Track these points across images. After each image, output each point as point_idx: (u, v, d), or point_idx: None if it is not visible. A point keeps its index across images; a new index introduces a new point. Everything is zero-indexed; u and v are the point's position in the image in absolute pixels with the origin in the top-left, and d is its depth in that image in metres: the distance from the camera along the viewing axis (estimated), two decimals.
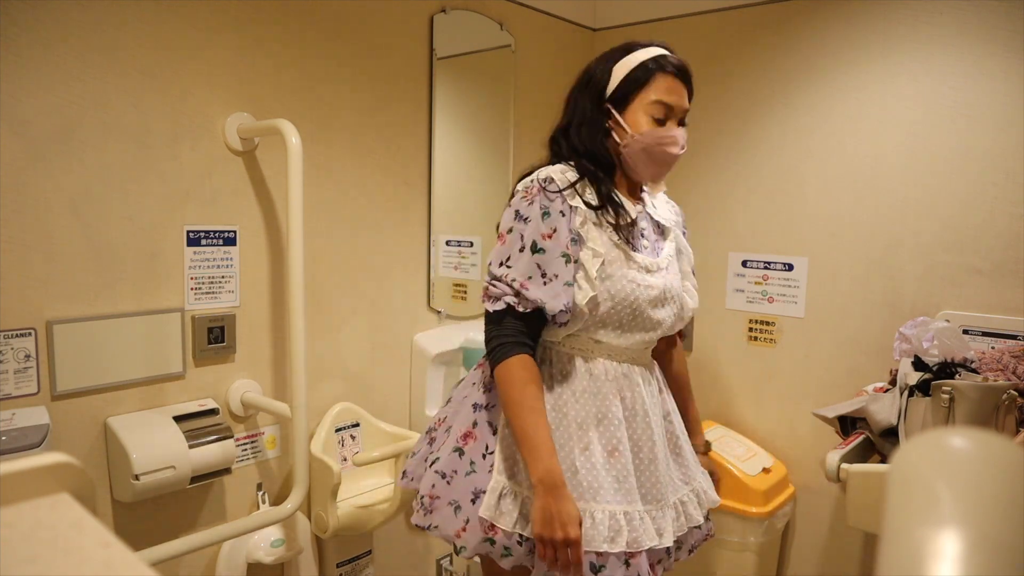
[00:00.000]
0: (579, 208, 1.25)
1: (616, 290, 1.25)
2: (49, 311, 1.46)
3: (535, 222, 1.23)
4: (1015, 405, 1.55)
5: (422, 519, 1.35)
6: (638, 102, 1.28)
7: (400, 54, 2.06)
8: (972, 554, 0.31)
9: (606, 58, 1.32)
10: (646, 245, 1.34)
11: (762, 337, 2.39)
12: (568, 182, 1.27)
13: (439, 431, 1.42)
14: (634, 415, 1.31)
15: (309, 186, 1.79)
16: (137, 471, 1.47)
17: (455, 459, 1.32)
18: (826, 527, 2.33)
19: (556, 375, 1.30)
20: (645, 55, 1.29)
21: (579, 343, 1.30)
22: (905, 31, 2.05)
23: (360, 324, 2.04)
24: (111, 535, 0.36)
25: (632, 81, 1.28)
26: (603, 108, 1.30)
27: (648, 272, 1.30)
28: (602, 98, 1.30)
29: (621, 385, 1.30)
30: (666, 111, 1.28)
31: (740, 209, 2.41)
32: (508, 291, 1.22)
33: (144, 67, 1.55)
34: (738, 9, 2.36)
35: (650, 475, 1.30)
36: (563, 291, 1.21)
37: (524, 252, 1.22)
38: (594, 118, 1.31)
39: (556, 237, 1.22)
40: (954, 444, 0.37)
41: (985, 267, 1.96)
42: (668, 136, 1.28)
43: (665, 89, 1.27)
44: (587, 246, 1.25)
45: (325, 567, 1.96)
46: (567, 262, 1.22)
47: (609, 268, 1.25)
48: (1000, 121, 1.92)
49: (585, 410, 1.27)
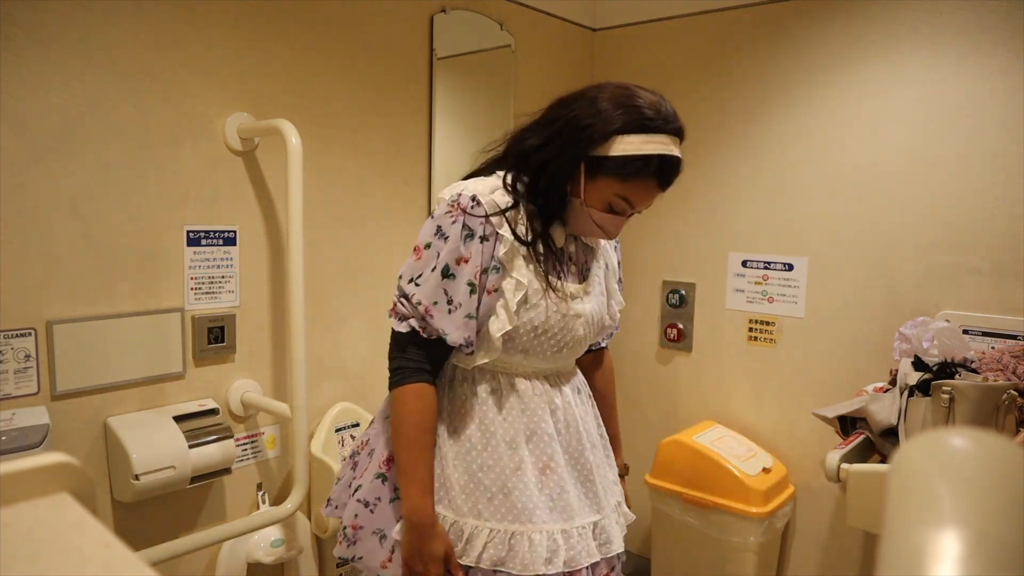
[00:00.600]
0: (505, 238, 1.17)
1: (540, 321, 1.20)
2: (49, 311, 1.46)
3: (453, 242, 1.15)
4: (1015, 405, 1.55)
5: (345, 551, 1.29)
6: (608, 183, 1.16)
7: (400, 54, 2.06)
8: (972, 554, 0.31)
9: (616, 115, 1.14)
10: (573, 269, 1.28)
11: (762, 337, 2.39)
12: (497, 207, 1.17)
13: (362, 455, 1.35)
14: (567, 426, 1.27)
15: (309, 186, 1.79)
16: (137, 471, 1.47)
17: (378, 486, 1.26)
18: (826, 527, 2.33)
19: (479, 392, 1.24)
20: (649, 146, 1.13)
21: (500, 362, 1.25)
22: (905, 31, 2.05)
23: (360, 324, 2.04)
24: (111, 535, 0.36)
25: (620, 164, 1.14)
26: (579, 158, 1.16)
27: (573, 299, 1.25)
28: (586, 151, 1.15)
29: (551, 397, 1.26)
30: (626, 208, 1.19)
31: (740, 209, 2.41)
32: (414, 314, 1.17)
33: (144, 67, 1.55)
34: (738, 9, 2.36)
35: (590, 485, 1.28)
36: (464, 324, 1.16)
37: (435, 273, 1.15)
38: (568, 165, 1.17)
39: (470, 263, 1.15)
40: (954, 444, 0.37)
41: (985, 267, 1.96)
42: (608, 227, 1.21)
43: (640, 193, 1.18)
44: (511, 275, 1.18)
45: (325, 567, 1.96)
46: (471, 292, 1.15)
47: (534, 298, 1.19)
48: (1000, 121, 1.92)
49: (514, 428, 1.22)
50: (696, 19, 2.46)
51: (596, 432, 1.37)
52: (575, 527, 1.22)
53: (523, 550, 1.18)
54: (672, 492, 2.27)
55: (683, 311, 2.56)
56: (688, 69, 2.49)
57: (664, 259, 2.58)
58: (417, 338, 1.18)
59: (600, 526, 1.27)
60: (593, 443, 1.33)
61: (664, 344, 2.62)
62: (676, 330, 2.57)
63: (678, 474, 2.27)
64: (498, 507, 1.20)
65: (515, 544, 1.18)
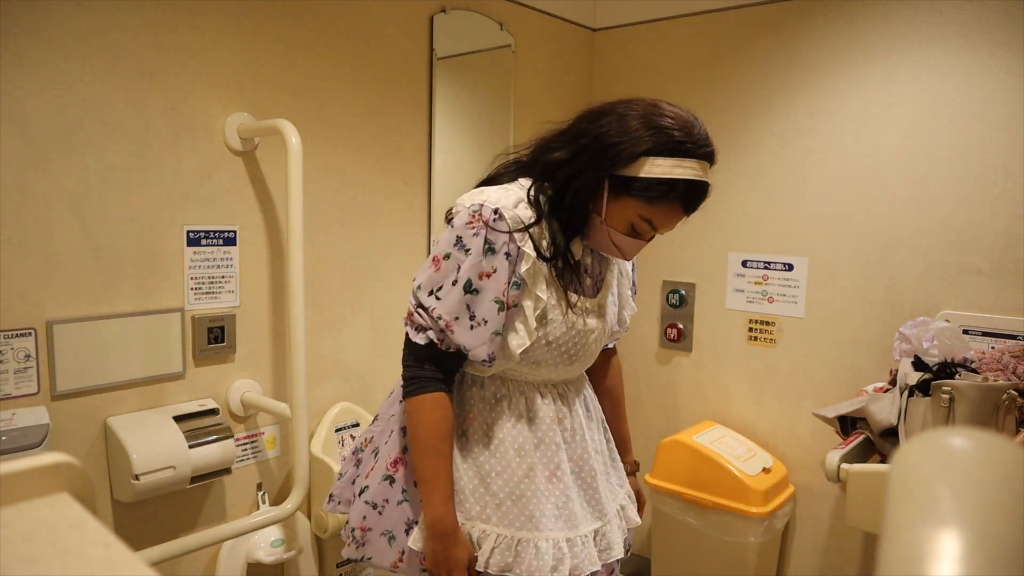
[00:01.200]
0: (528, 255, 1.13)
1: (555, 336, 1.20)
2: (49, 311, 1.46)
3: (475, 256, 1.11)
4: (1015, 405, 1.55)
5: (354, 552, 1.29)
6: (632, 204, 1.12)
7: (400, 54, 2.06)
8: (972, 554, 0.31)
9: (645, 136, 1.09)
10: (588, 282, 1.27)
11: (762, 337, 2.39)
12: (521, 223, 1.13)
13: (366, 452, 1.35)
14: (573, 435, 1.28)
15: (309, 186, 1.79)
16: (137, 471, 1.48)
17: (386, 487, 1.26)
18: (826, 527, 2.33)
19: (488, 397, 1.24)
20: (681, 172, 1.09)
21: (511, 370, 1.24)
22: (905, 31, 2.05)
23: (360, 324, 2.04)
24: (111, 535, 0.36)
25: (647, 187, 1.10)
26: (604, 177, 1.13)
27: (588, 314, 1.24)
28: (611, 170, 1.11)
29: (559, 407, 1.27)
30: (648, 230, 1.16)
31: (740, 209, 2.41)
32: (433, 326, 1.14)
33: (144, 67, 1.55)
34: (738, 9, 2.36)
35: (593, 492, 1.28)
36: (489, 340, 1.13)
37: (456, 287, 1.12)
38: (592, 182, 1.13)
39: (495, 279, 1.12)
40: (954, 444, 0.37)
41: (985, 267, 1.96)
42: (626, 249, 1.19)
43: (664, 217, 1.14)
44: (531, 291, 1.16)
45: (325, 567, 1.96)
46: (500, 310, 1.12)
47: (551, 314, 1.18)
48: (1000, 121, 1.92)
49: (522, 435, 1.23)
50: (696, 19, 2.46)
51: (600, 439, 1.37)
52: (579, 535, 1.23)
53: (529, 557, 1.18)
54: (672, 492, 2.27)
55: (683, 311, 2.56)
56: (688, 69, 2.49)
57: (664, 259, 2.58)
58: (435, 350, 1.16)
59: (601, 532, 1.28)
60: (598, 450, 1.34)
61: (664, 344, 2.62)
62: (676, 330, 2.57)
63: (678, 474, 2.27)
64: (506, 513, 1.20)
65: (521, 551, 1.18)
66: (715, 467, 2.20)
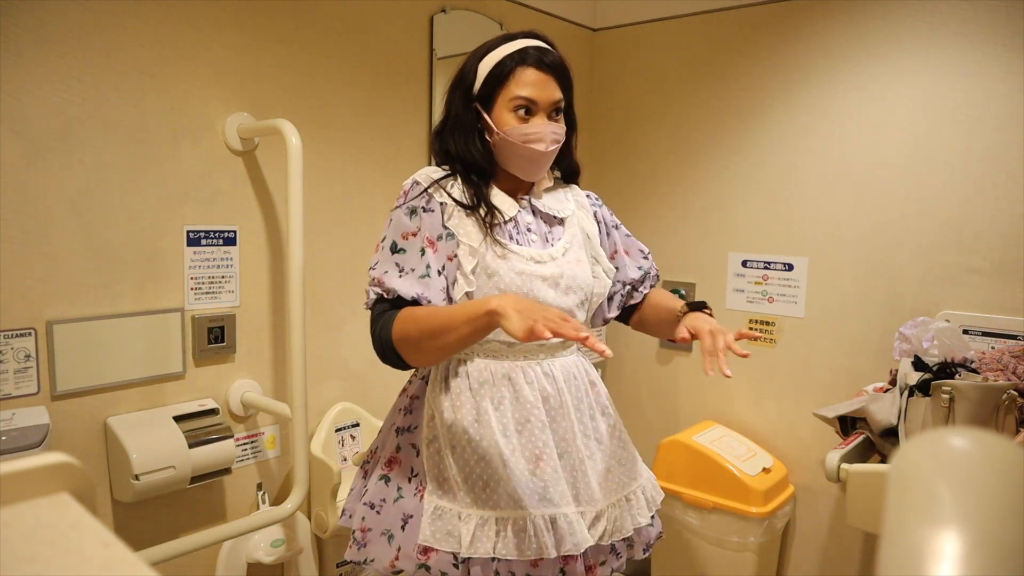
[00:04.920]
0: (447, 204, 1.24)
1: (505, 284, 1.23)
2: (49, 311, 1.46)
3: (398, 223, 1.23)
4: (1015, 405, 1.55)
5: (356, 554, 1.30)
6: (501, 99, 1.25)
7: (400, 54, 2.06)
8: (972, 554, 0.31)
9: (476, 54, 1.29)
10: (534, 239, 1.30)
11: (762, 337, 2.39)
12: (431, 179, 1.26)
13: (372, 463, 1.37)
14: (558, 413, 1.27)
15: (309, 186, 1.79)
16: (137, 471, 1.48)
17: (382, 487, 1.29)
18: (826, 527, 2.33)
19: (473, 385, 1.26)
20: (508, 49, 1.25)
21: (491, 348, 1.26)
22: (905, 31, 2.05)
23: (360, 324, 2.04)
24: (111, 535, 0.36)
25: (494, 78, 1.24)
26: (472, 107, 1.27)
27: (537, 262, 1.26)
28: (470, 97, 1.27)
29: (543, 384, 1.27)
30: (529, 105, 1.24)
31: (740, 209, 2.41)
32: (375, 286, 1.25)
33: (144, 67, 1.55)
34: (738, 9, 2.36)
35: (581, 475, 1.28)
36: (416, 282, 1.21)
37: (384, 251, 1.24)
38: (465, 118, 1.28)
39: (419, 236, 1.22)
40: (954, 444, 0.37)
41: (985, 267, 1.96)
42: (532, 133, 1.24)
43: (527, 83, 1.23)
44: (462, 242, 1.24)
45: (325, 567, 1.96)
46: (422, 254, 1.22)
47: (492, 264, 1.23)
48: (1001, 121, 1.92)
49: (506, 417, 1.24)
50: (696, 19, 2.46)
51: (598, 428, 1.35)
52: (563, 513, 1.22)
53: (519, 536, 1.19)
54: (672, 492, 2.26)
55: None
56: (688, 69, 2.49)
57: (664, 259, 2.58)
58: (383, 301, 1.24)
59: (596, 515, 1.27)
60: (585, 432, 1.32)
61: (664, 344, 2.62)
62: None
63: (678, 474, 2.27)
64: (491, 494, 1.21)
65: (511, 530, 1.20)
66: (715, 467, 2.20)
